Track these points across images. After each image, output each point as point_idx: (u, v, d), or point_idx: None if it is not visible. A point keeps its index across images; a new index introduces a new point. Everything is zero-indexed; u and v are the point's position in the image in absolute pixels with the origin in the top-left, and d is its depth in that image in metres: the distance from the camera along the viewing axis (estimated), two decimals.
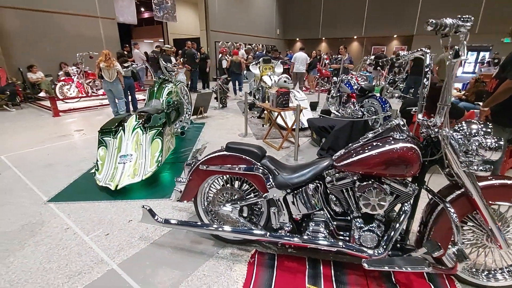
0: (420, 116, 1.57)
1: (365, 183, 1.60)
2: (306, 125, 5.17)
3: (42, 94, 7.46)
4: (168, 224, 1.99)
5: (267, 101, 5.13)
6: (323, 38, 19.07)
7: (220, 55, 9.48)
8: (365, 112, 5.10)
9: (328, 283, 1.72)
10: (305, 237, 1.77)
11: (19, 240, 2.11)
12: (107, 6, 9.36)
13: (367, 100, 5.14)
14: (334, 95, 6.16)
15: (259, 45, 16.94)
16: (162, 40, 16.23)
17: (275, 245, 2.02)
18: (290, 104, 5.61)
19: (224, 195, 2.02)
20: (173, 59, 7.97)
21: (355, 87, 5.72)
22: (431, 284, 1.70)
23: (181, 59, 9.01)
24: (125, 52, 7.04)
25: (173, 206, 2.59)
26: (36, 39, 7.86)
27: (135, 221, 2.36)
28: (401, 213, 1.60)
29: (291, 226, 1.85)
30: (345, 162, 1.63)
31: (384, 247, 1.61)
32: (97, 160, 3.04)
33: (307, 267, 1.84)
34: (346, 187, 1.69)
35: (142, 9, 18.24)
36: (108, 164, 2.99)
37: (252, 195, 1.97)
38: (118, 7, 10.15)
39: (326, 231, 1.77)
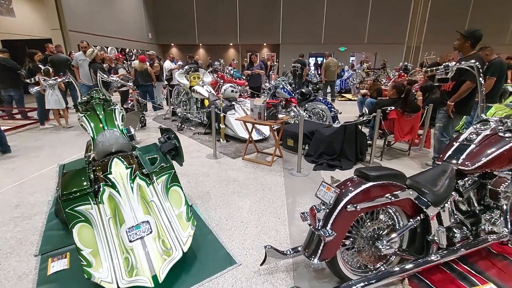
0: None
1: (499, 178, 1.78)
2: (267, 135, 5.08)
3: None
4: None
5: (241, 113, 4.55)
6: (201, 44, 19.00)
7: (115, 62, 7.53)
8: (311, 114, 5.56)
9: (477, 277, 1.79)
10: (458, 245, 1.77)
11: None
12: None
13: (309, 103, 5.61)
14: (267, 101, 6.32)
15: (133, 50, 14.91)
16: None
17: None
18: (236, 115, 5.30)
19: (367, 232, 1.70)
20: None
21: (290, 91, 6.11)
22: None
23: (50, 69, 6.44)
24: None
25: (262, 271, 1.90)
26: None
27: None
28: None
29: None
30: (477, 164, 1.74)
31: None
32: (78, 250, 1.74)
33: (450, 272, 1.84)
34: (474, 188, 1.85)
35: None
36: (108, 249, 1.79)
37: (399, 222, 1.76)
38: None
39: (468, 233, 1.83)
